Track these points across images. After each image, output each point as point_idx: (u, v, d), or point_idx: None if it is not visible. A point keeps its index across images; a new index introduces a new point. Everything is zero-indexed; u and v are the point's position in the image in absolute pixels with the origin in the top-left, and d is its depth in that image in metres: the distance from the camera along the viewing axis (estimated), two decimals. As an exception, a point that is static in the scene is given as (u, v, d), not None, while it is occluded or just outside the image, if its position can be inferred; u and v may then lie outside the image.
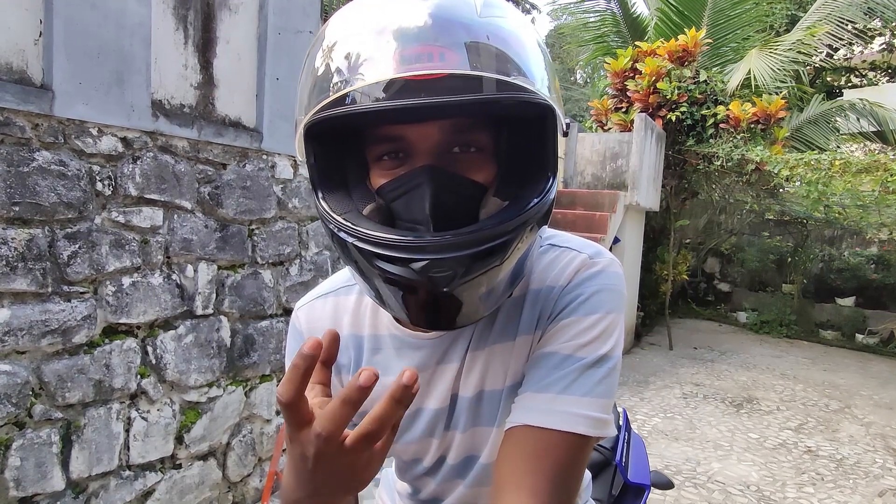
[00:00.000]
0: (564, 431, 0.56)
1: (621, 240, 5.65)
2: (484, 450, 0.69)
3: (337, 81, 0.50)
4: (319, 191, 0.57)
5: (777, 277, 8.46)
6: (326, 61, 0.51)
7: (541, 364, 0.61)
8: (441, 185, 0.53)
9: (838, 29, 6.91)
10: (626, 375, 5.27)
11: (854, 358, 6.60)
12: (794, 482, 3.27)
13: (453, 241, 0.50)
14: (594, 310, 0.61)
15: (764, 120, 6.13)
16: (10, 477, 1.75)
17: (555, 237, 0.69)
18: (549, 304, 0.63)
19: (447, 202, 0.53)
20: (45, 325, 1.81)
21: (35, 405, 1.81)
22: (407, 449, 0.73)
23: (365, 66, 0.48)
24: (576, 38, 8.92)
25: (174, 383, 2.24)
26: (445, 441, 0.70)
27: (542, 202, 0.55)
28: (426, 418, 0.69)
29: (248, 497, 2.58)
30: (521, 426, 0.58)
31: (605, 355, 0.60)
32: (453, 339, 0.66)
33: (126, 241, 2.05)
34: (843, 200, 6.15)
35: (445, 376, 0.67)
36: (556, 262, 0.65)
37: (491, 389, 0.66)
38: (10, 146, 1.73)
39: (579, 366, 0.59)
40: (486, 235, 0.50)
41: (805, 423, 4.29)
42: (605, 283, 0.63)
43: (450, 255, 0.49)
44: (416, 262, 0.50)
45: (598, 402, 0.58)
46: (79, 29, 1.86)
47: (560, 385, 0.58)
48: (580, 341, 0.60)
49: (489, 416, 0.67)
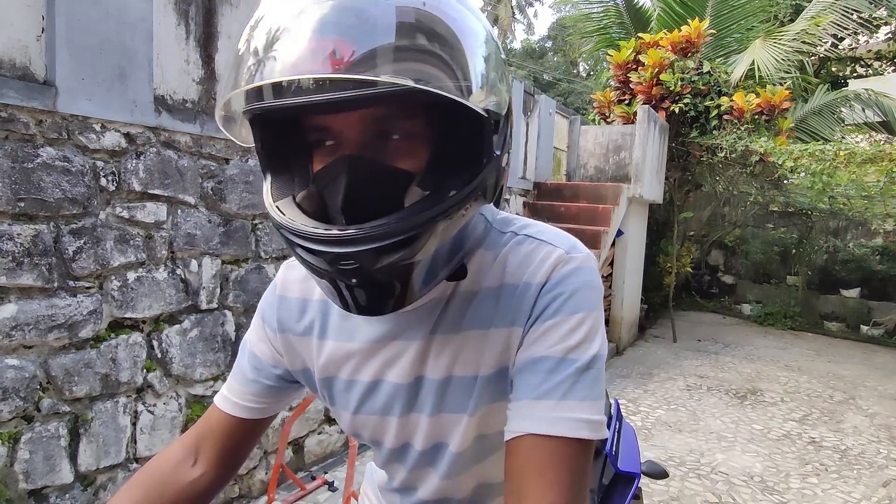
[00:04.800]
0: (571, 438, 0.56)
1: (625, 232, 5.65)
2: (453, 438, 0.68)
3: (239, 76, 0.49)
4: (268, 174, 0.59)
5: (781, 269, 8.44)
6: (240, 46, 0.51)
7: (534, 369, 0.60)
8: (358, 176, 0.52)
9: (843, 18, 6.86)
10: (629, 368, 5.28)
11: (859, 349, 6.59)
12: (797, 473, 3.27)
13: (357, 236, 0.50)
14: (577, 309, 0.60)
15: (768, 111, 6.10)
16: (19, 470, 1.77)
17: (529, 227, 0.67)
18: (528, 303, 0.62)
19: (364, 193, 0.52)
20: (51, 320, 1.83)
21: (43, 399, 1.83)
22: (366, 423, 0.72)
23: (264, 63, 0.47)
24: (578, 30, 8.88)
25: (180, 377, 2.25)
26: (409, 424, 0.70)
27: (466, 191, 0.53)
28: (386, 391, 0.69)
29: (253, 489, 2.60)
30: (528, 435, 0.57)
31: (595, 355, 0.60)
32: (415, 318, 0.65)
33: (130, 236, 2.06)
34: (848, 191, 6.12)
35: (408, 353, 0.66)
36: (531, 257, 0.64)
37: (461, 375, 0.65)
38: (14, 142, 1.74)
39: (574, 369, 0.58)
40: (392, 230, 0.50)
41: (809, 414, 4.29)
42: (583, 280, 0.62)
43: (353, 248, 0.50)
44: (324, 254, 0.51)
45: (595, 405, 0.58)
46: (81, 25, 1.87)
47: (560, 391, 0.58)
48: (569, 343, 0.59)
49: (458, 402, 0.66)
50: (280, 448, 2.35)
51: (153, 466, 0.75)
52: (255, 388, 0.75)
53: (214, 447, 0.76)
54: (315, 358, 0.73)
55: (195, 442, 0.76)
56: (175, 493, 0.73)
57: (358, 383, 0.70)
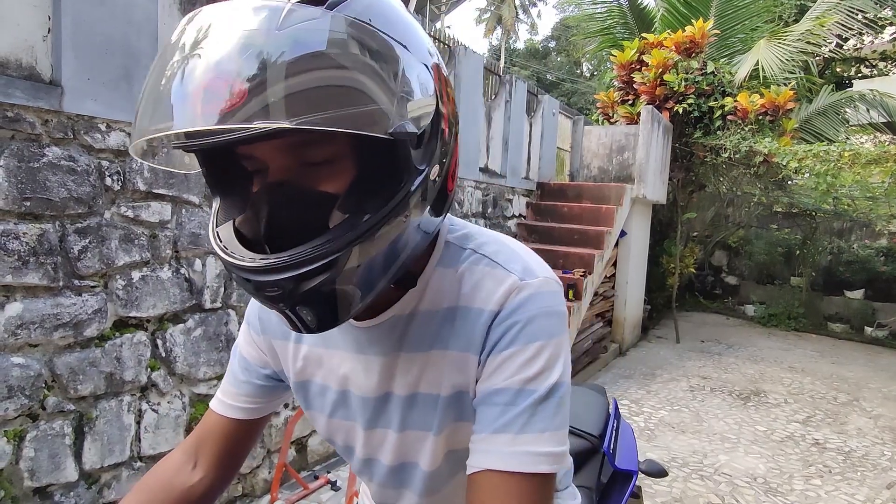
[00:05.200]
0: (530, 473, 0.56)
1: (628, 233, 5.64)
2: (423, 457, 0.69)
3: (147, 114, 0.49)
4: (217, 197, 0.59)
5: (785, 270, 8.41)
6: (148, 87, 0.50)
7: (492, 402, 0.60)
8: (278, 203, 0.52)
9: (848, 18, 6.82)
10: (633, 368, 5.27)
11: (863, 351, 6.57)
12: (801, 474, 3.26)
13: (277, 265, 0.50)
14: (534, 338, 0.59)
15: (772, 111, 6.08)
16: (24, 468, 1.78)
17: (487, 244, 0.66)
18: (481, 332, 0.61)
19: (286, 219, 0.53)
20: (56, 319, 1.84)
21: (48, 397, 1.84)
22: (339, 428, 0.74)
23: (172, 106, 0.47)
24: (582, 30, 8.86)
25: (184, 376, 2.26)
26: (375, 438, 0.71)
27: (384, 212, 0.52)
28: (354, 402, 0.70)
29: (257, 488, 2.61)
30: (484, 471, 0.57)
31: (555, 384, 0.59)
32: (381, 333, 0.66)
33: (135, 235, 2.07)
34: (853, 192, 6.09)
35: (376, 367, 0.67)
36: (484, 282, 0.63)
37: (426, 393, 0.66)
38: (20, 142, 1.75)
39: (532, 401, 0.58)
40: (310, 257, 0.50)
41: (813, 415, 4.28)
42: (540, 307, 0.61)
43: (274, 277, 0.51)
44: (250, 282, 0.52)
45: (556, 436, 0.58)
46: (87, 25, 1.88)
47: (517, 424, 0.57)
48: (527, 374, 0.59)
49: (424, 420, 0.67)
50: (283, 447, 2.36)
51: (155, 473, 0.76)
52: (247, 389, 0.77)
53: (213, 450, 0.77)
54: (292, 361, 0.74)
55: (194, 446, 0.78)
56: (177, 498, 0.74)
57: (330, 389, 0.72)
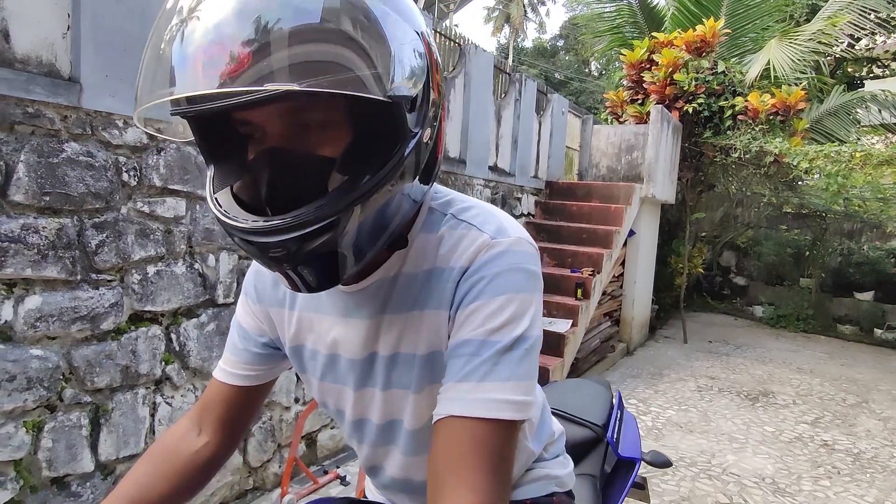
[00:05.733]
0: (490, 419, 0.57)
1: (637, 232, 5.63)
2: (405, 415, 0.71)
3: (147, 83, 0.51)
4: (210, 165, 0.61)
5: (794, 271, 8.37)
6: (148, 54, 0.51)
7: (458, 353, 0.61)
8: (278, 167, 0.54)
9: (860, 18, 6.78)
10: (640, 368, 5.27)
11: (872, 353, 6.53)
12: (809, 475, 3.26)
13: (280, 226, 0.52)
14: (500, 292, 0.61)
15: (783, 111, 6.05)
16: (42, 458, 1.81)
17: (466, 210, 0.68)
18: (451, 287, 0.63)
19: (286, 182, 0.54)
20: (74, 312, 1.87)
21: (65, 389, 1.87)
22: (330, 391, 0.77)
23: (173, 71, 0.48)
24: (591, 29, 8.83)
25: (197, 370, 2.29)
26: (364, 398, 0.74)
27: (382, 174, 0.54)
28: (343, 364, 0.73)
29: (267, 482, 2.64)
30: (448, 417, 0.59)
31: (521, 336, 0.60)
32: (367, 296, 0.68)
33: (151, 230, 2.10)
34: (864, 193, 6.05)
35: (361, 330, 0.70)
36: (459, 242, 0.65)
37: (406, 353, 0.68)
38: (40, 137, 1.78)
39: (495, 351, 0.59)
40: (312, 217, 0.52)
41: (821, 417, 4.26)
42: (508, 263, 0.62)
43: (278, 238, 0.53)
44: (254, 243, 0.54)
45: (519, 386, 0.59)
46: (105, 22, 1.90)
47: (480, 372, 0.59)
48: (491, 325, 0.60)
49: (404, 379, 0.69)
50: (294, 442, 2.38)
51: (162, 441, 0.80)
52: (246, 357, 0.81)
53: (216, 416, 0.80)
54: (287, 327, 0.77)
55: (199, 414, 0.81)
56: (183, 463, 0.77)
57: (320, 353, 0.75)
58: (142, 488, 0.73)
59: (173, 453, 0.78)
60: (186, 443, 0.79)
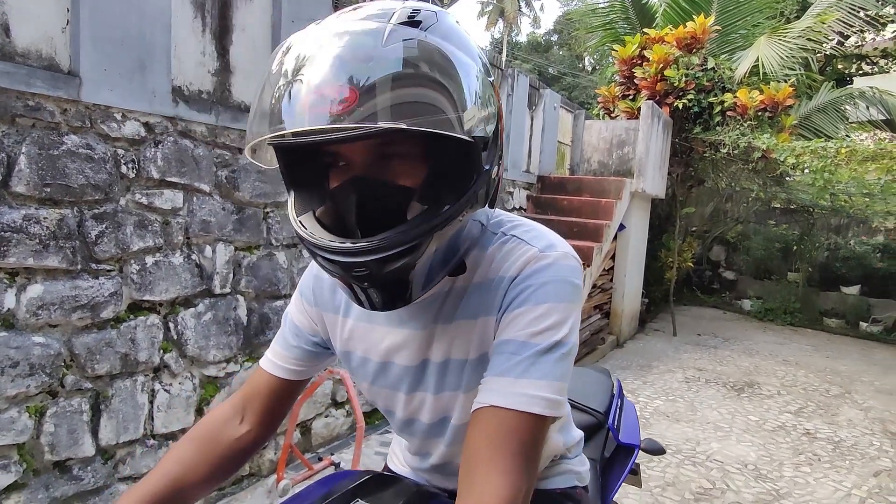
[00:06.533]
0: (523, 412, 0.63)
1: (627, 226, 5.71)
2: (455, 413, 0.78)
3: (261, 121, 0.58)
4: (291, 191, 0.68)
5: (782, 266, 8.48)
6: (261, 93, 0.59)
7: (501, 350, 0.68)
8: (365, 194, 0.61)
9: (849, 16, 6.86)
10: (629, 360, 5.36)
11: (857, 346, 6.65)
12: (791, 462, 3.35)
13: (367, 248, 0.59)
14: (544, 300, 0.67)
15: (771, 108, 6.14)
16: (45, 442, 1.86)
17: (517, 228, 0.74)
18: (500, 294, 0.70)
19: (371, 208, 0.61)
20: (75, 301, 1.92)
21: (67, 376, 1.92)
22: (379, 394, 0.83)
23: (281, 111, 0.56)
24: (584, 24, 8.88)
25: (194, 358, 2.34)
26: (415, 401, 0.80)
27: (459, 205, 0.62)
28: (395, 371, 0.79)
29: (263, 469, 2.70)
30: (486, 407, 0.65)
31: (559, 341, 0.66)
32: (420, 308, 0.75)
33: (149, 221, 2.14)
34: (850, 189, 6.16)
35: (415, 339, 0.76)
36: (509, 254, 0.71)
37: (456, 359, 0.75)
38: (40, 130, 1.82)
39: (535, 351, 0.65)
40: (396, 241, 0.59)
41: (805, 407, 4.37)
42: (554, 275, 0.68)
43: (363, 259, 0.59)
44: (339, 263, 0.60)
45: (552, 385, 0.65)
46: (104, 17, 1.94)
47: (519, 369, 0.65)
48: (534, 329, 0.66)
49: (455, 382, 0.76)
50: (289, 429, 2.44)
51: (206, 424, 0.84)
52: (296, 353, 0.86)
53: (259, 405, 0.85)
54: (339, 333, 0.83)
55: (242, 402, 0.86)
56: (224, 448, 0.82)
57: (371, 361, 0.81)
58: (184, 468, 0.78)
59: (216, 438, 0.82)
60: (229, 429, 0.83)
